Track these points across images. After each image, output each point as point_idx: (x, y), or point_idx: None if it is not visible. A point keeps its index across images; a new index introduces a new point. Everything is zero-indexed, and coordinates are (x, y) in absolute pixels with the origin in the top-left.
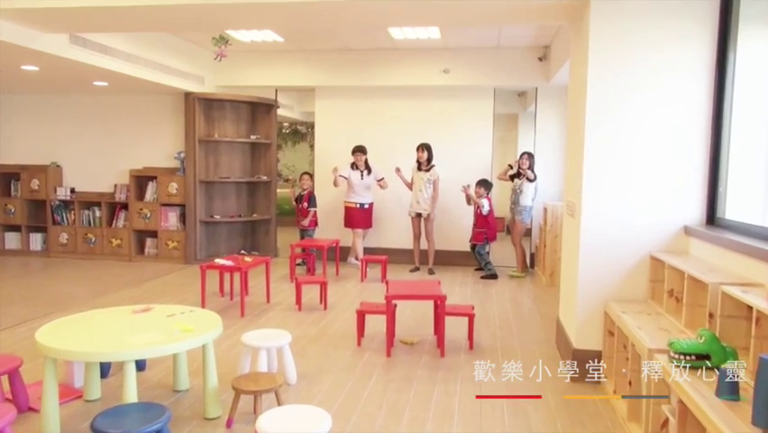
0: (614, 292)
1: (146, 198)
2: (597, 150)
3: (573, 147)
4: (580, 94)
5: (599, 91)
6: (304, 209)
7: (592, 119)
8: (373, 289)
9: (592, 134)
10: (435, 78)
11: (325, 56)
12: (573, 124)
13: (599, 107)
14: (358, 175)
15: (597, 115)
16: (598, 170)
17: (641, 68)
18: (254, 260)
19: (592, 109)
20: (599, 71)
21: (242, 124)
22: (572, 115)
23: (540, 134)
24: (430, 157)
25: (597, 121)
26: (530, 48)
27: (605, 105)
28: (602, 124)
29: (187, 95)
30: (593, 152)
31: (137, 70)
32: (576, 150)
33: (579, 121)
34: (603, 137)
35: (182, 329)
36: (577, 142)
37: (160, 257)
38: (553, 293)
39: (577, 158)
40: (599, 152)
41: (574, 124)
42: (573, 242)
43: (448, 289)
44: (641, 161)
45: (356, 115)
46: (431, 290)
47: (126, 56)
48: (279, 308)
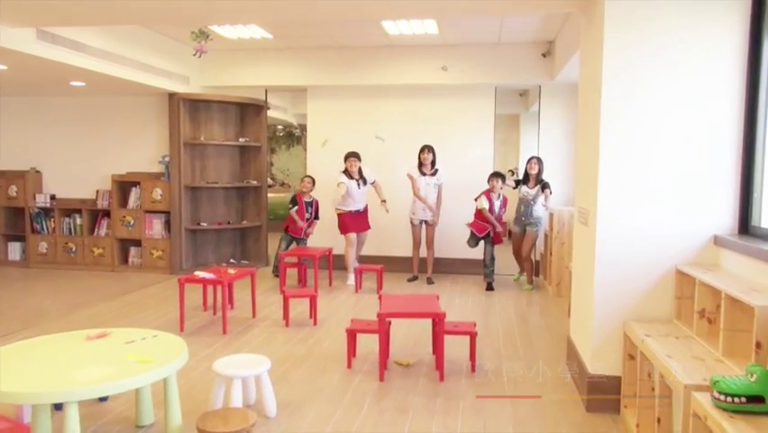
0: (634, 310)
1: (129, 205)
2: (613, 150)
3: (586, 148)
4: (593, 89)
5: (616, 85)
6: (312, 220)
7: (608, 116)
8: (368, 301)
9: (608, 134)
10: (433, 77)
11: (317, 54)
12: (585, 123)
13: (616, 103)
14: (354, 184)
15: (613, 112)
16: (616, 174)
17: (662, 57)
18: (238, 271)
19: (608, 105)
20: (615, 62)
21: (230, 126)
22: (584, 112)
23: (544, 135)
24: (434, 160)
25: (613, 118)
26: (533, 43)
27: (622, 101)
28: (619, 122)
29: (171, 96)
30: (609, 153)
31: (116, 69)
32: (589, 151)
33: (592, 119)
34: (620, 136)
35: (139, 360)
36: (590, 143)
37: (145, 267)
38: (560, 304)
39: (590, 160)
40: (617, 153)
41: (586, 123)
42: (587, 253)
43: (448, 300)
44: (664, 162)
45: (350, 115)
46: (428, 307)
47: (102, 53)
48: (266, 324)
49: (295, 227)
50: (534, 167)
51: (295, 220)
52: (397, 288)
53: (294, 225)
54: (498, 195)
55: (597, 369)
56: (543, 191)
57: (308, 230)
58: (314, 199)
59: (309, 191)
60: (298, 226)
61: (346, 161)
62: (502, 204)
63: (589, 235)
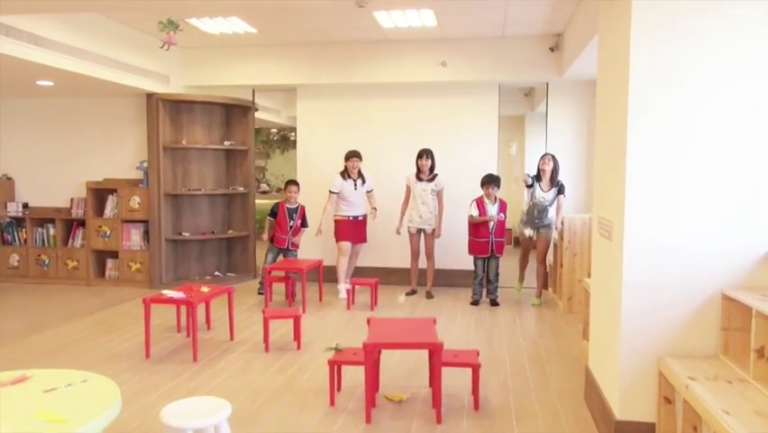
0: (671, 344)
1: (106, 214)
2: (644, 151)
3: (608, 149)
4: (616, 78)
5: (646, 71)
6: (296, 228)
7: (636, 110)
8: (360, 319)
9: (637, 131)
10: (432, 74)
11: (307, 50)
12: (607, 120)
13: (646, 93)
14: (351, 185)
15: (643, 105)
16: (646, 179)
17: (704, 34)
18: (212, 289)
19: (636, 97)
20: (645, 43)
21: (214, 128)
22: (605, 108)
23: (553, 137)
24: (433, 165)
25: (643, 112)
26: (539, 37)
27: (654, 90)
28: (651, 117)
29: (149, 96)
30: (639, 155)
31: (86, 67)
32: (613, 152)
33: (616, 115)
34: (652, 134)
35: (49, 419)
36: (614, 143)
37: (122, 281)
38: (572, 323)
39: (614, 163)
40: (648, 154)
41: (608, 120)
42: (612, 274)
43: (448, 317)
44: (705, 163)
45: (343, 116)
46: (423, 334)
47: (68, 50)
48: (244, 349)
49: (279, 237)
50: (549, 163)
51: (278, 229)
52: (393, 303)
53: (279, 234)
54: (495, 200)
55: (625, 414)
56: (559, 194)
57: (294, 239)
58: (299, 205)
59: (294, 199)
60: (280, 237)
61: (347, 161)
62: (500, 209)
63: (614, 252)
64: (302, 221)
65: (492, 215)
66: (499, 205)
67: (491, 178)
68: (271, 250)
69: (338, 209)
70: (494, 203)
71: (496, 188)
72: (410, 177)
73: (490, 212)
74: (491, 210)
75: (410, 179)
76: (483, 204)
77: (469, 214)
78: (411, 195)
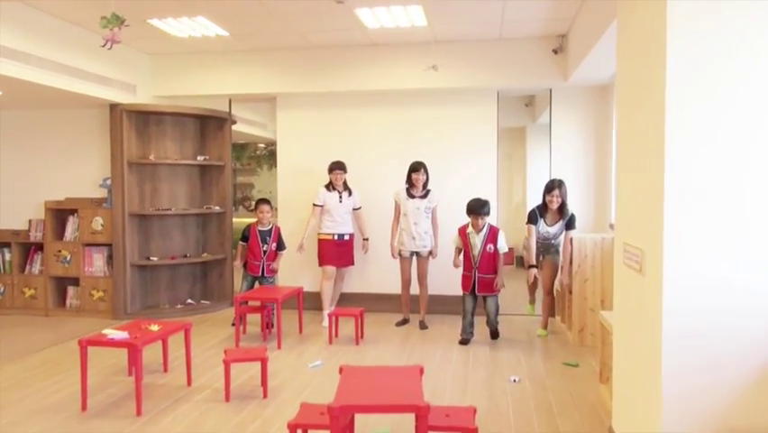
0: (727, 416)
1: (66, 237)
2: (689, 160)
3: (636, 160)
4: (647, 79)
5: (691, 56)
6: (272, 252)
7: (678, 107)
8: (343, 356)
9: (679, 140)
10: (422, 80)
11: (286, 56)
12: (633, 125)
13: (690, 85)
14: (335, 198)
15: (685, 109)
16: (693, 196)
17: None
18: (164, 327)
19: (676, 98)
20: (688, 34)
21: (187, 142)
22: (629, 108)
23: (557, 149)
24: (427, 180)
25: (686, 109)
26: (541, 38)
27: (700, 81)
28: (698, 115)
29: (112, 107)
30: (682, 165)
31: (36, 75)
32: (643, 163)
33: (648, 115)
34: (701, 137)
35: None
36: (645, 151)
37: (84, 310)
38: (585, 358)
39: (646, 176)
40: (695, 164)
41: (635, 124)
42: (647, 318)
43: (444, 353)
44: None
45: (327, 127)
46: (407, 389)
47: (13, 54)
48: (200, 397)
49: (252, 264)
50: (556, 200)
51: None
52: (381, 335)
53: (252, 260)
54: (482, 229)
55: None
56: (567, 230)
57: (271, 265)
58: (273, 226)
59: (266, 220)
60: (253, 264)
61: (331, 173)
62: (488, 239)
63: (649, 291)
64: (278, 244)
65: (475, 245)
66: (488, 234)
67: (477, 205)
68: (246, 278)
69: (321, 226)
70: (479, 232)
71: (484, 216)
72: (400, 194)
73: (474, 242)
74: (475, 240)
75: (400, 196)
76: (466, 236)
77: (456, 242)
78: (401, 214)
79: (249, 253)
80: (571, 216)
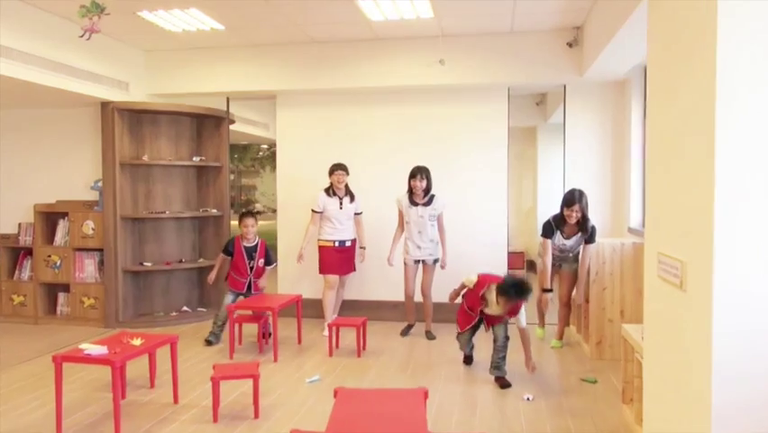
0: None
1: (56, 242)
2: (744, 158)
3: (675, 156)
4: (691, 52)
5: (744, 50)
6: (259, 268)
7: (731, 97)
8: (342, 371)
9: (733, 128)
10: (429, 76)
11: (286, 51)
12: (671, 117)
13: (746, 81)
14: (335, 203)
15: (739, 88)
16: (749, 202)
17: None
18: (148, 341)
19: (730, 76)
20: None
21: (182, 142)
22: (665, 101)
23: (572, 147)
24: (429, 186)
25: (740, 99)
26: (555, 30)
27: (758, 74)
28: (755, 105)
29: (103, 105)
30: (736, 164)
31: (23, 72)
32: (683, 161)
33: (690, 107)
34: (759, 130)
35: None
36: (687, 148)
37: (74, 318)
38: (604, 375)
39: (688, 176)
40: (751, 163)
41: (674, 116)
42: (692, 345)
43: (450, 366)
44: None
45: (329, 126)
46: (408, 418)
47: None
48: (187, 417)
49: (237, 281)
50: (576, 215)
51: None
52: (384, 345)
53: (236, 276)
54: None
55: None
56: (586, 244)
57: (259, 282)
58: (259, 241)
59: (252, 235)
60: (238, 280)
61: (331, 175)
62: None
63: (694, 311)
64: (266, 259)
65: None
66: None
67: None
68: (231, 293)
69: (322, 232)
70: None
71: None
72: (402, 200)
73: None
74: (492, 307)
75: (402, 203)
76: (481, 296)
77: (467, 282)
78: (405, 222)
79: (233, 269)
80: (592, 230)
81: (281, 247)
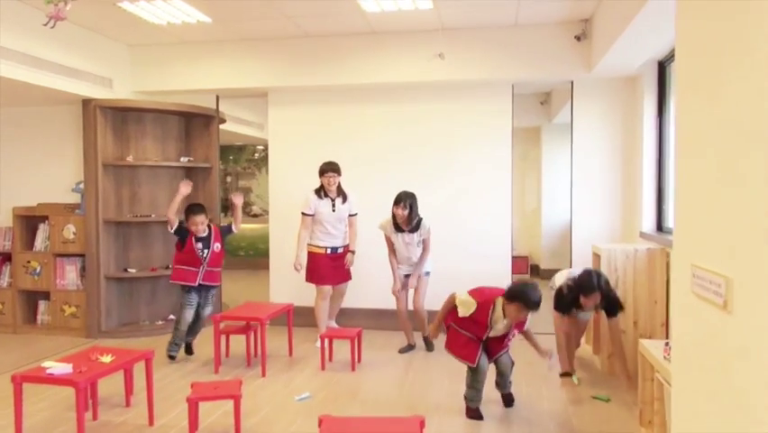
0: None
1: (36, 247)
2: None
3: (715, 154)
4: (735, 33)
5: None
6: (215, 254)
7: None
8: (335, 386)
9: None
10: (428, 71)
11: (277, 46)
12: (710, 110)
13: None
14: (327, 205)
15: None
16: None
17: None
18: (119, 358)
19: None
20: None
21: (169, 142)
22: (701, 91)
23: (579, 147)
24: (413, 215)
25: None
26: (562, 23)
27: None
28: None
29: (85, 103)
30: None
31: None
32: (727, 160)
33: (736, 98)
34: None
35: None
36: (732, 145)
37: (55, 327)
38: (617, 392)
39: (734, 178)
40: None
41: (715, 109)
42: (739, 377)
43: (452, 383)
44: None
45: (322, 125)
46: None
47: None
48: None
49: (187, 271)
50: (593, 303)
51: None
52: (381, 358)
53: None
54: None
55: None
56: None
57: (214, 270)
58: (211, 229)
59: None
60: (188, 271)
61: (322, 176)
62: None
63: (743, 337)
64: (222, 241)
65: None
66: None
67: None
68: (187, 302)
69: (312, 237)
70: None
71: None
72: (387, 227)
73: (497, 327)
74: (499, 326)
75: (387, 229)
76: (488, 315)
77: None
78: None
79: (180, 262)
80: (615, 302)
81: (273, 252)
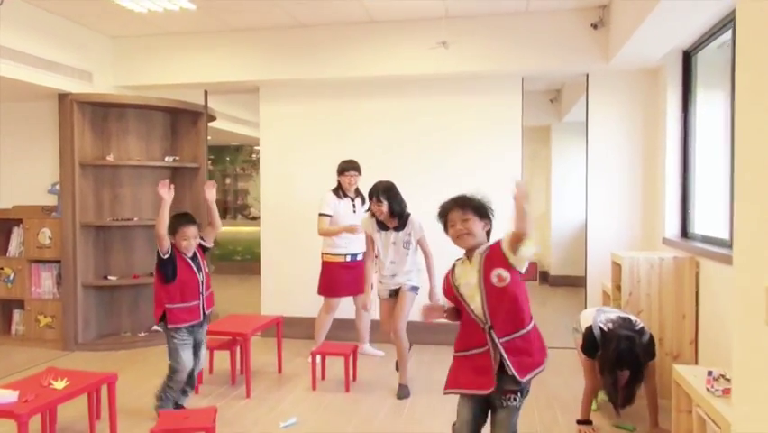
0: None
1: (10, 252)
2: None
3: None
4: None
5: None
6: (207, 276)
7: None
8: (326, 410)
9: None
10: (431, 63)
11: (269, 37)
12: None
13: None
14: (348, 207)
15: None
16: None
17: None
18: (75, 382)
19: None
20: None
21: (154, 140)
22: (761, 80)
23: (595, 146)
24: (394, 208)
25: None
26: (576, 10)
27: None
28: None
29: (61, 97)
30: None
31: None
32: None
33: None
34: None
35: None
36: None
37: (29, 339)
38: (642, 419)
39: None
40: None
41: None
42: None
43: (454, 407)
44: None
45: (317, 121)
46: None
47: None
48: None
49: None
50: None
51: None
52: (378, 376)
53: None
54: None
55: None
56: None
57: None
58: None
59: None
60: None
61: (342, 176)
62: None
63: None
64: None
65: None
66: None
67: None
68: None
69: (329, 243)
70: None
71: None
72: (367, 222)
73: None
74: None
75: (368, 225)
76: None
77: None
78: (375, 247)
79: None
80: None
81: (265, 259)
